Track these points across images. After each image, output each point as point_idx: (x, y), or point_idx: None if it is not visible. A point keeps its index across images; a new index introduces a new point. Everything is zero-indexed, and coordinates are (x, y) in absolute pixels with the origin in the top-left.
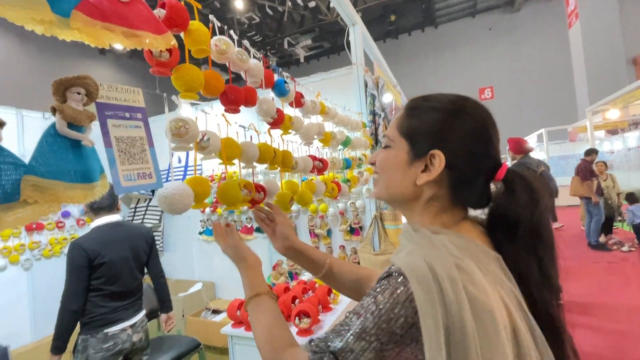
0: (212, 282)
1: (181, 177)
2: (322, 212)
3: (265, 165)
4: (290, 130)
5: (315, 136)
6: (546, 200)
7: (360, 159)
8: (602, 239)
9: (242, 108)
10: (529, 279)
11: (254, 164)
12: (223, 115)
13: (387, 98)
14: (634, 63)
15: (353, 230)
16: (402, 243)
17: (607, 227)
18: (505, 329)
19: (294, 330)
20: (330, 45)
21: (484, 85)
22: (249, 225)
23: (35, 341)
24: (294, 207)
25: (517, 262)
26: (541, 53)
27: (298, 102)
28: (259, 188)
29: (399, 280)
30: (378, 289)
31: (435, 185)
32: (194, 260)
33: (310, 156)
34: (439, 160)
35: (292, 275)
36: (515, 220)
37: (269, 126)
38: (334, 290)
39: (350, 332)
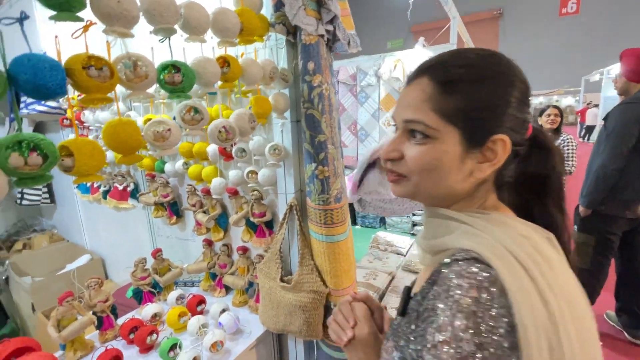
0: (100, 257)
1: None
2: (207, 181)
3: None
4: None
5: None
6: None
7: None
8: None
9: None
10: (563, 236)
11: None
12: None
13: None
14: None
15: (255, 227)
16: (438, 229)
17: None
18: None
19: None
20: None
21: None
22: (120, 187)
23: None
24: (169, 166)
25: (551, 220)
26: None
27: None
28: None
29: (476, 268)
30: (453, 290)
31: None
32: (81, 222)
33: None
34: (502, 145)
35: (141, 297)
36: (547, 175)
37: None
38: None
39: None
